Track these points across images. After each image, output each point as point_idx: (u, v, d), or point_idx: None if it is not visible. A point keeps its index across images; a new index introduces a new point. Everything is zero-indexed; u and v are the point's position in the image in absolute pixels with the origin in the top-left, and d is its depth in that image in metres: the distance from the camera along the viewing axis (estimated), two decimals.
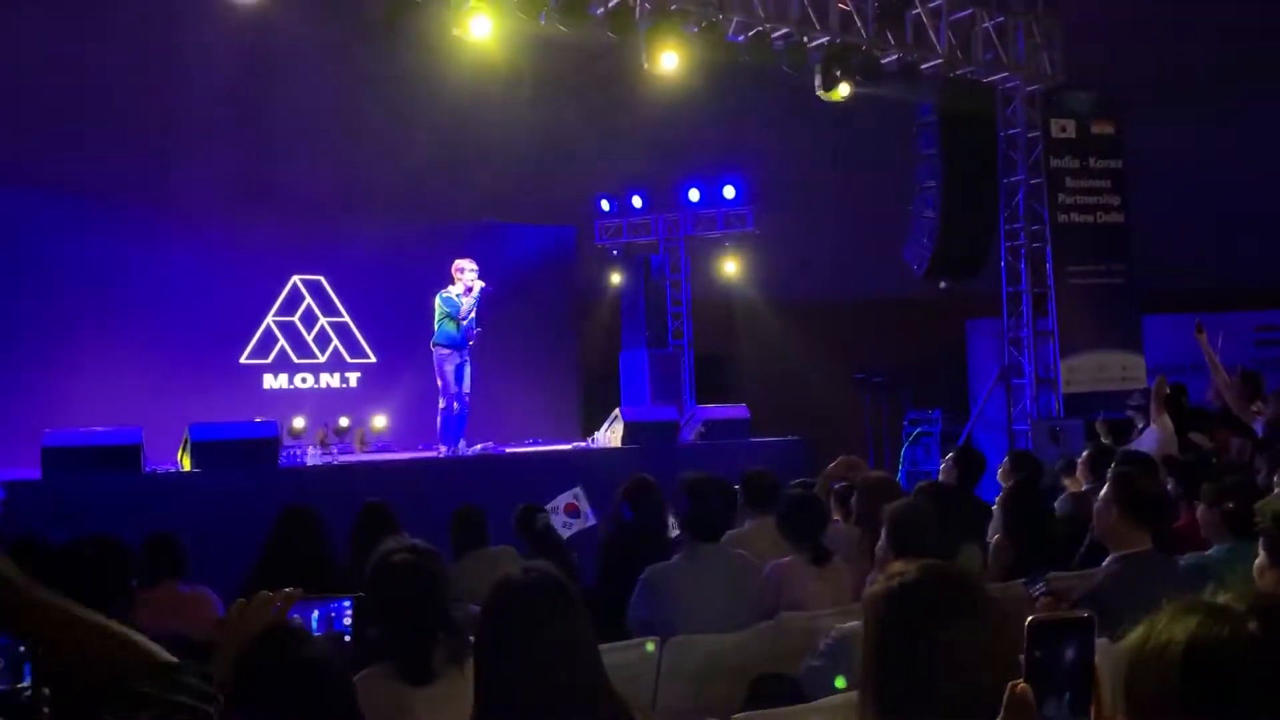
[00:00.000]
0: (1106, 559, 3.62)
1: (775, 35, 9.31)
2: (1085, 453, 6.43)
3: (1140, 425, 7.74)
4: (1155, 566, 3.52)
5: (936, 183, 10.34)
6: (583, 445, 10.37)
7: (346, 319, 11.28)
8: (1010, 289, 11.30)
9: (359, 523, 4.92)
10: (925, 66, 10.23)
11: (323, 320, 11.15)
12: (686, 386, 13.19)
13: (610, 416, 9.90)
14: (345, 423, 10.66)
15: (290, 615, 2.03)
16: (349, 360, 11.28)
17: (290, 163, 11.60)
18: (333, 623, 2.17)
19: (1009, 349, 11.40)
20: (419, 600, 2.72)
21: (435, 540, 3.07)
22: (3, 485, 6.87)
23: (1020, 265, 11.21)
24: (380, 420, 10.87)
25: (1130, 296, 11.20)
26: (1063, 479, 6.50)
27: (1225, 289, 12.64)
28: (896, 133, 11.06)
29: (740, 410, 10.41)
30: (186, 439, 7.80)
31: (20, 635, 1.48)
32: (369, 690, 2.61)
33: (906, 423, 12.77)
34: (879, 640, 1.69)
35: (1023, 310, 11.22)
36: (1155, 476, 4.55)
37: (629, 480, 4.88)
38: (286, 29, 10.36)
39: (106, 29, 10.35)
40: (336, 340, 11.21)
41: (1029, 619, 1.19)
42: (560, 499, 6.63)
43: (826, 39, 9.51)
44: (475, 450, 9.09)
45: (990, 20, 10.62)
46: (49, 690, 1.48)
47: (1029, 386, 11.16)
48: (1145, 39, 11.78)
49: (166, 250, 10.26)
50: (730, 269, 13.66)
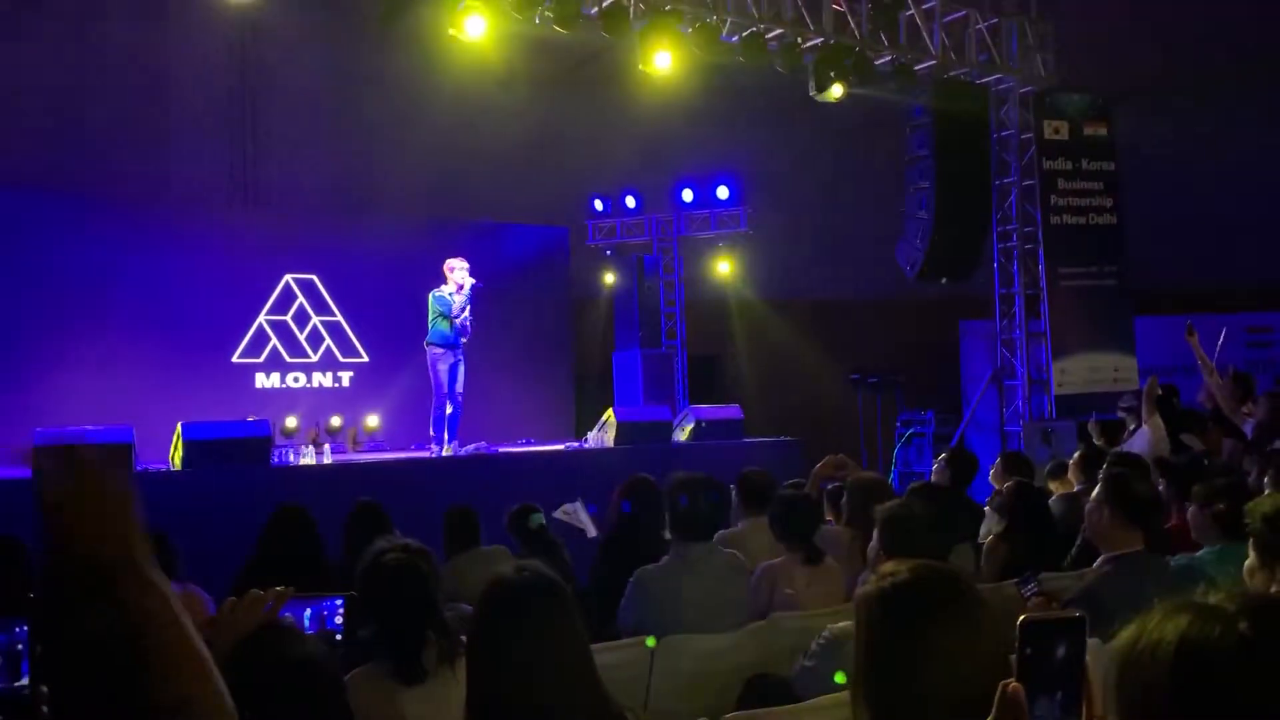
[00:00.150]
0: (1098, 560, 3.63)
1: (769, 36, 9.31)
2: (1077, 453, 6.46)
3: (1132, 426, 7.77)
4: (1147, 567, 3.53)
5: (929, 184, 10.35)
6: (576, 445, 10.36)
7: (339, 318, 11.25)
8: (1003, 290, 11.33)
9: (351, 522, 4.91)
10: (919, 68, 10.25)
11: (315, 319, 11.12)
12: (680, 387, 13.19)
13: (603, 417, 9.88)
14: (337, 422, 10.64)
15: (282, 614, 2.03)
16: (341, 359, 11.25)
17: (283, 161, 11.59)
18: (324, 622, 2.16)
19: (1001, 350, 11.43)
20: (410, 599, 2.72)
21: (428, 540, 3.07)
22: None
23: (1013, 267, 11.24)
24: (373, 420, 10.85)
25: (1122, 298, 11.22)
26: (1049, 483, 6.51)
27: (1217, 291, 12.68)
28: (890, 134, 11.07)
29: (733, 411, 10.41)
30: (178, 438, 7.77)
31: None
32: (360, 690, 2.60)
33: (899, 423, 12.79)
34: (871, 640, 1.69)
35: (1015, 312, 11.24)
36: (1147, 478, 4.57)
37: (629, 480, 4.90)
38: (280, 28, 10.36)
39: (99, 28, 10.34)
40: (329, 339, 11.18)
41: (1021, 618, 1.19)
42: (560, 512, 6.56)
43: (820, 40, 9.52)
44: (468, 450, 9.08)
45: (984, 22, 10.64)
46: (46, 688, 1.47)
47: (1021, 388, 11.19)
48: (1137, 42, 11.82)
49: (158, 248, 10.22)
50: (724, 269, 13.67)
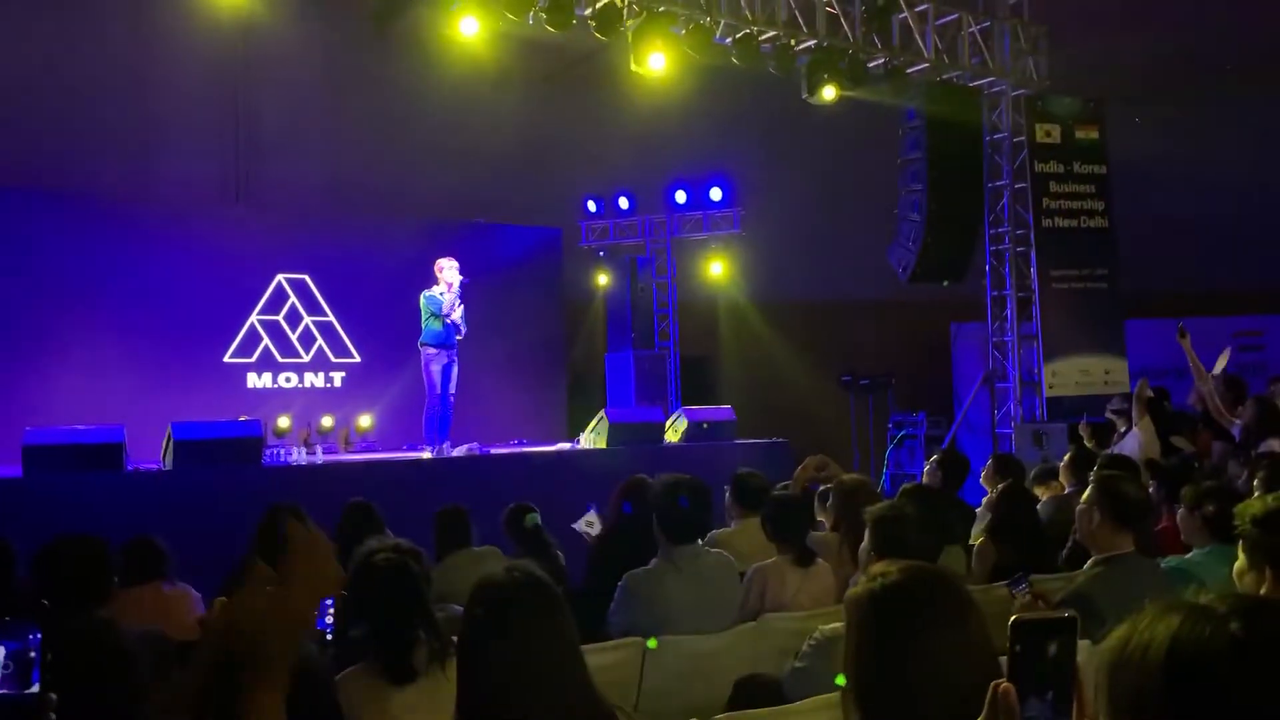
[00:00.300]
0: (1089, 561, 3.63)
1: (762, 38, 9.33)
2: (1067, 456, 6.46)
3: (1122, 429, 7.79)
4: (1137, 569, 3.54)
5: (922, 186, 10.36)
6: (568, 446, 10.35)
7: (331, 318, 11.22)
8: (995, 293, 11.36)
9: (343, 522, 4.89)
10: (911, 70, 10.27)
11: (307, 319, 11.09)
12: (672, 388, 13.19)
13: (596, 418, 9.87)
14: (329, 422, 10.61)
15: None
16: (333, 360, 11.22)
17: (275, 161, 11.57)
18: (314, 622, 2.16)
19: (993, 352, 11.45)
20: (401, 599, 2.71)
21: (419, 541, 3.06)
22: None
23: (1005, 269, 11.26)
24: (365, 420, 10.83)
25: (1114, 301, 11.25)
26: (1035, 488, 6.48)
27: (1207, 294, 12.72)
28: (882, 136, 11.09)
29: (726, 412, 10.41)
30: (169, 438, 7.75)
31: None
32: (351, 689, 2.60)
33: (891, 425, 12.80)
34: (861, 641, 1.69)
35: (1007, 314, 11.26)
36: (1137, 480, 4.57)
37: (628, 480, 4.89)
38: (273, 27, 10.33)
39: (91, 27, 10.31)
40: (321, 340, 11.15)
41: (1012, 618, 1.19)
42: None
43: (813, 42, 9.53)
44: (460, 451, 9.07)
45: (976, 25, 10.67)
46: (55, 695, 1.47)
47: (1013, 390, 11.21)
48: (1128, 46, 11.85)
49: (150, 248, 10.19)
50: (716, 271, 13.67)
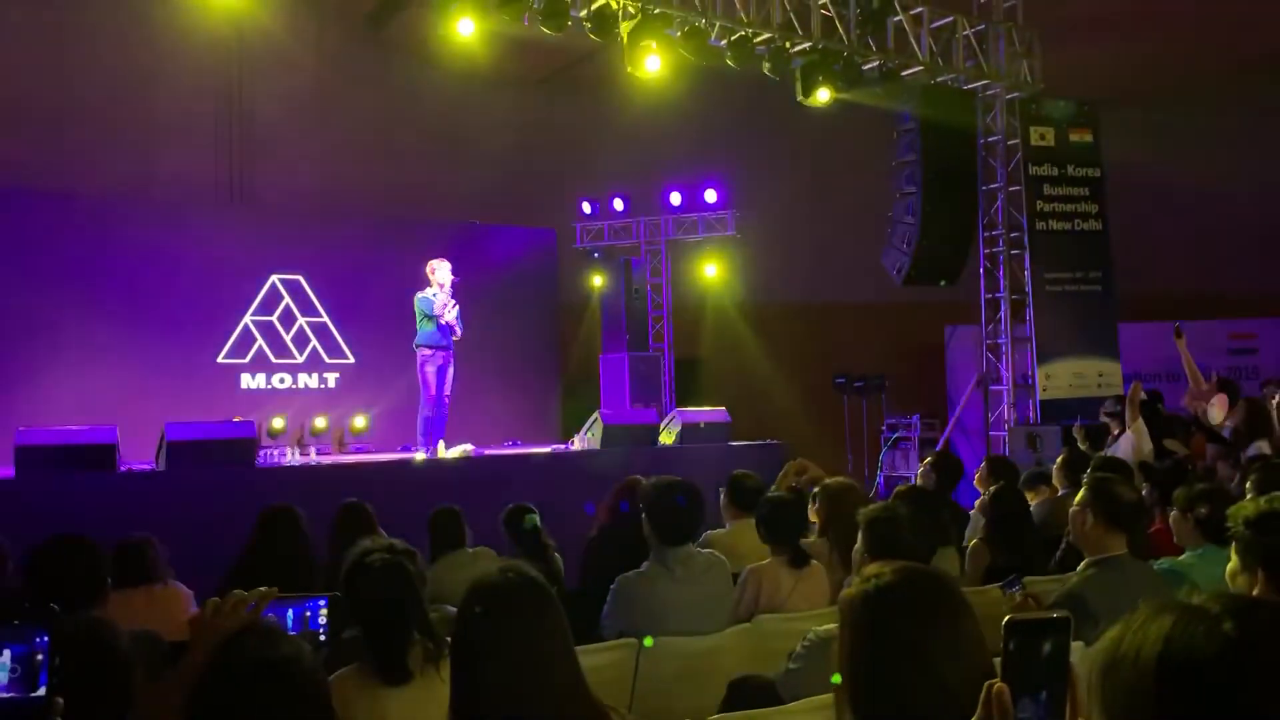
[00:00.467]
0: (1082, 563, 3.64)
1: (757, 40, 9.33)
2: (1060, 458, 6.47)
3: (1115, 431, 7.80)
4: (1130, 571, 3.55)
5: (916, 189, 10.37)
6: (562, 448, 10.35)
7: (325, 319, 11.21)
8: (989, 295, 11.38)
9: (337, 523, 4.88)
10: (906, 73, 10.29)
11: (301, 320, 11.08)
12: (666, 389, 13.19)
13: (590, 419, 9.87)
14: (322, 423, 10.60)
15: (265, 614, 2.02)
16: (327, 360, 11.21)
17: (270, 161, 11.56)
18: (308, 622, 2.16)
19: (987, 355, 11.47)
20: (395, 600, 2.70)
21: (413, 542, 3.05)
22: None
23: (999, 272, 11.28)
24: (359, 421, 10.81)
25: (1107, 304, 11.27)
26: (1025, 493, 6.46)
27: (1200, 297, 12.75)
28: (877, 139, 11.10)
29: (720, 414, 10.41)
30: (162, 438, 7.73)
31: None
32: (345, 690, 2.59)
33: (885, 427, 12.82)
34: (855, 642, 1.69)
35: (1001, 317, 11.28)
36: (1130, 482, 4.58)
37: (624, 481, 4.88)
38: (268, 28, 10.33)
39: (86, 25, 10.29)
40: (315, 340, 11.14)
41: (1006, 618, 1.19)
42: None
43: (808, 45, 9.54)
44: (455, 452, 9.05)
45: (971, 28, 10.68)
46: (62, 700, 1.47)
47: (1006, 392, 11.22)
48: (1122, 50, 11.88)
49: (144, 248, 10.17)
50: (711, 273, 13.68)
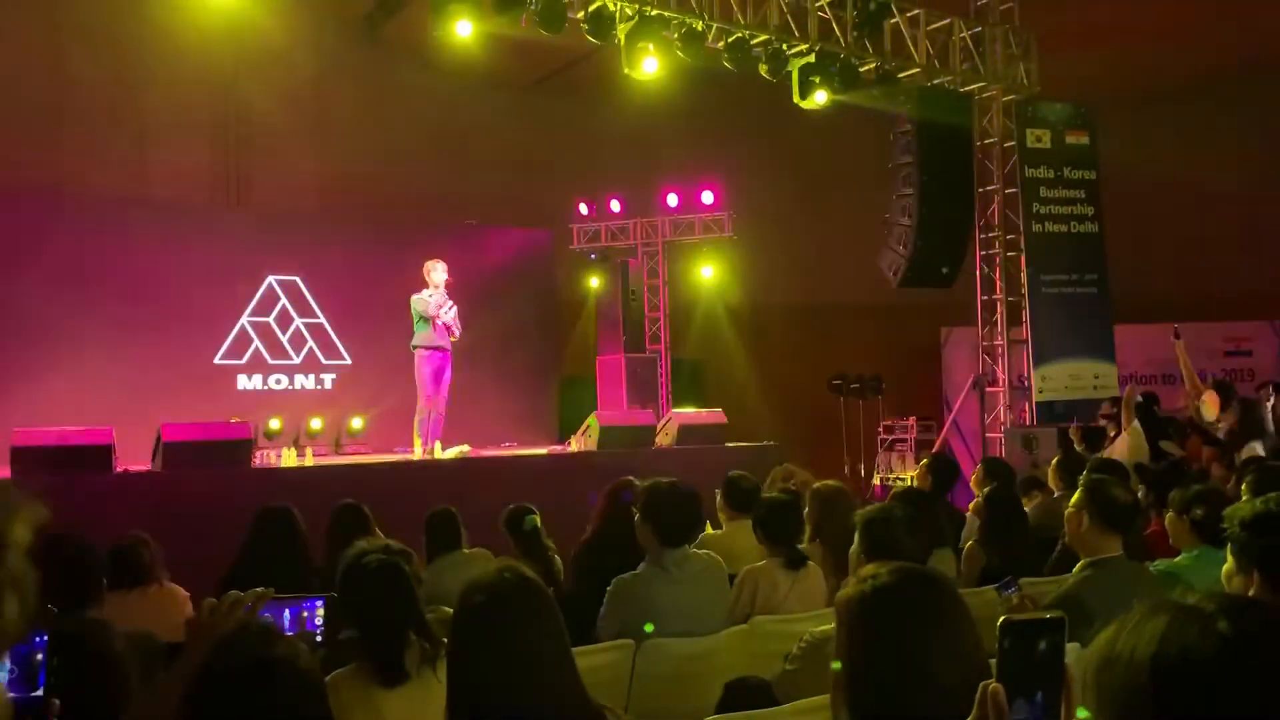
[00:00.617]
0: (1077, 565, 3.64)
1: (755, 42, 9.34)
2: (1055, 459, 6.49)
3: (1112, 434, 7.82)
4: (1126, 572, 3.55)
5: (913, 191, 10.37)
6: (559, 449, 10.34)
7: (322, 320, 11.20)
8: (985, 297, 11.39)
9: (334, 524, 4.88)
10: (903, 76, 10.30)
11: (298, 321, 11.07)
12: (663, 391, 13.19)
13: (587, 420, 9.87)
14: (319, 424, 10.59)
15: (262, 615, 2.02)
16: (324, 362, 11.20)
17: (266, 162, 11.55)
18: (304, 623, 2.15)
19: (983, 357, 11.48)
20: (391, 600, 2.70)
21: (410, 543, 3.05)
22: None
23: (995, 274, 11.29)
24: (356, 422, 10.81)
25: (1103, 306, 11.29)
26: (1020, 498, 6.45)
27: (1196, 299, 12.76)
28: (874, 141, 11.11)
29: (716, 415, 10.41)
30: (159, 439, 7.71)
31: None
32: (341, 691, 2.59)
33: (881, 429, 12.83)
34: (851, 643, 1.69)
35: (997, 318, 11.29)
36: (1126, 484, 4.59)
37: (616, 483, 4.89)
38: (264, 29, 10.32)
39: (82, 24, 10.28)
40: (311, 342, 11.13)
41: (1001, 618, 1.19)
42: None
43: (805, 47, 9.55)
44: (451, 453, 9.05)
45: (967, 31, 10.70)
46: (59, 700, 1.47)
47: (1003, 394, 11.24)
48: (1119, 53, 11.90)
49: (140, 248, 10.15)
50: (708, 274, 13.69)
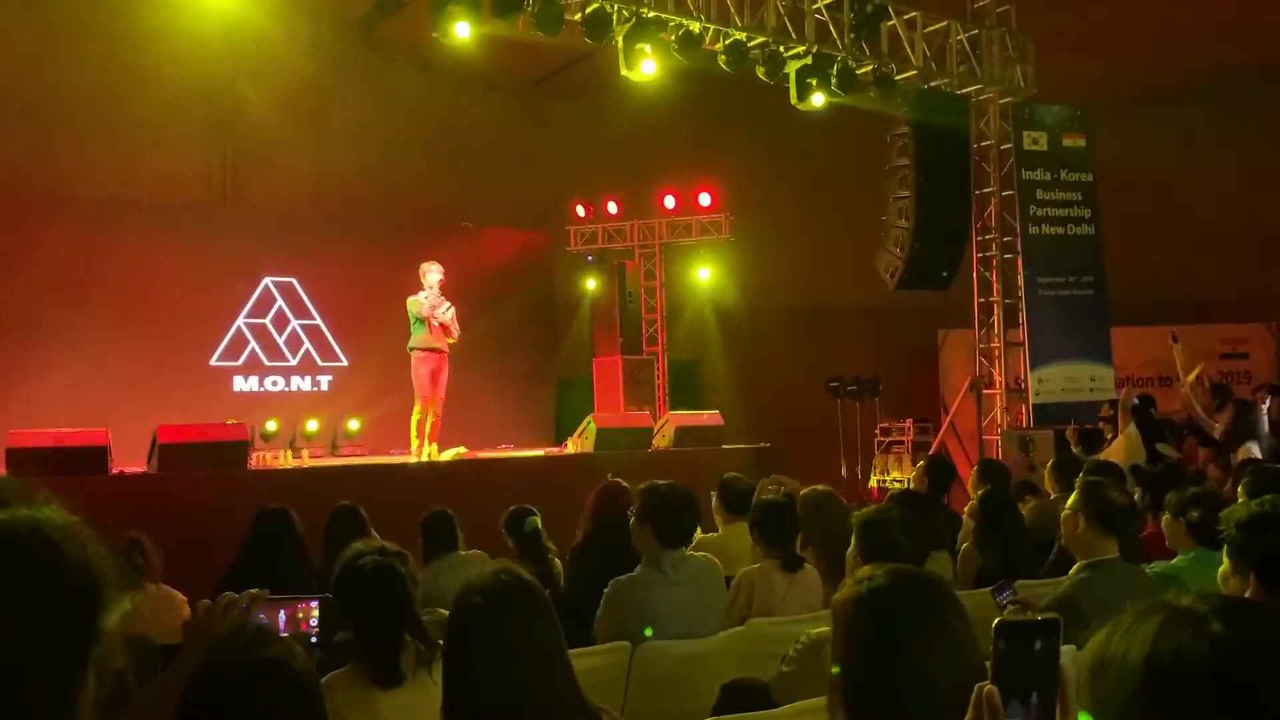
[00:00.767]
0: (1074, 567, 3.64)
1: (752, 45, 9.34)
2: (1050, 461, 6.50)
3: (1110, 436, 7.83)
4: (1122, 575, 3.55)
5: (910, 193, 10.38)
6: (555, 451, 10.34)
7: (318, 322, 11.19)
8: (982, 299, 11.39)
9: (330, 526, 4.88)
10: (900, 78, 10.30)
11: (294, 323, 11.06)
12: (660, 393, 13.18)
13: (584, 422, 9.87)
14: (316, 426, 10.58)
15: (258, 616, 2.02)
16: (320, 363, 11.19)
17: (263, 164, 11.53)
18: (300, 624, 2.15)
19: (980, 359, 11.48)
20: (387, 602, 2.70)
21: (406, 545, 3.05)
22: None
23: (992, 276, 11.29)
24: (352, 424, 10.80)
25: (1100, 308, 11.29)
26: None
27: (1192, 302, 12.78)
28: (871, 143, 11.11)
29: (713, 417, 10.41)
30: (154, 441, 7.70)
31: None
32: (337, 693, 2.58)
33: (878, 431, 12.82)
34: (848, 643, 1.69)
35: (994, 321, 11.30)
36: (1122, 486, 4.60)
37: (605, 484, 4.89)
38: (261, 30, 10.31)
39: (78, 28, 10.26)
40: (308, 343, 11.12)
41: (996, 620, 1.19)
42: None
43: (803, 49, 9.56)
44: (448, 455, 9.05)
45: (964, 33, 10.71)
46: None
47: (999, 396, 11.24)
48: (1117, 54, 11.91)
49: (136, 249, 10.14)
50: (704, 276, 13.68)
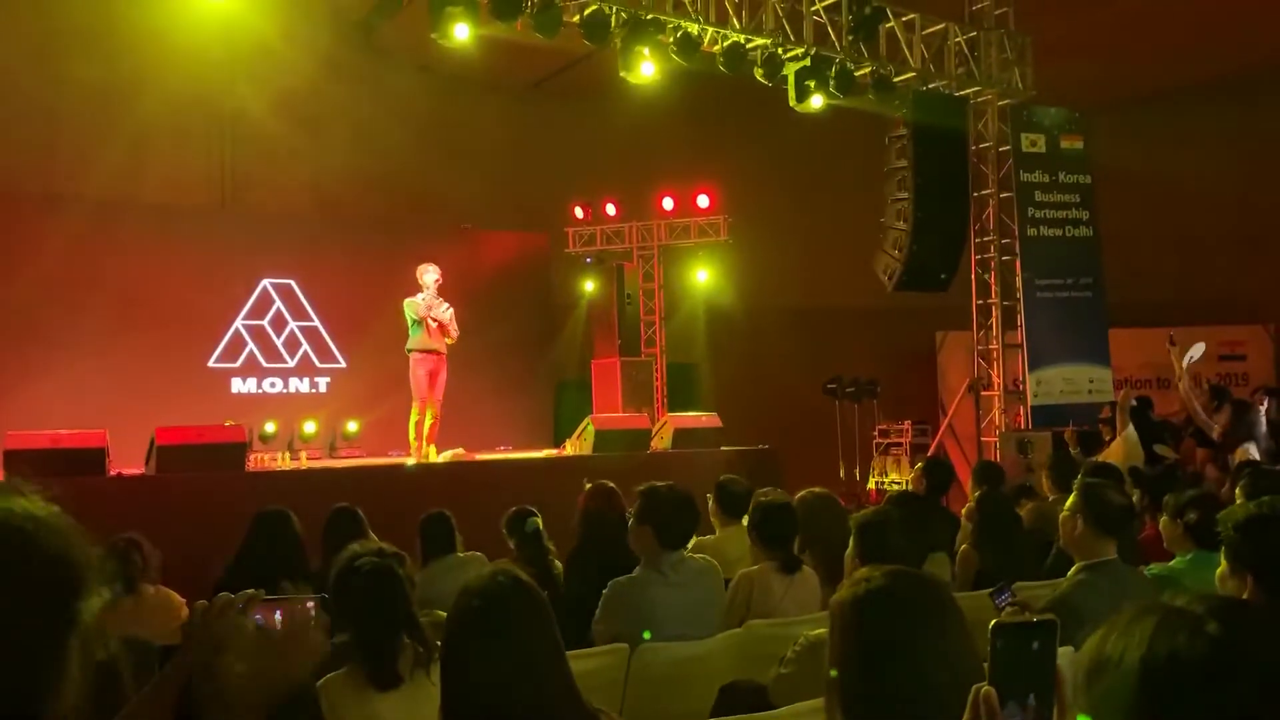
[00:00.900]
0: (1072, 569, 3.64)
1: (750, 47, 9.35)
2: (1048, 463, 6.50)
3: (1108, 438, 7.83)
4: (1120, 576, 3.55)
5: (908, 195, 10.38)
6: (554, 453, 10.34)
7: (317, 324, 11.19)
8: (980, 301, 11.39)
9: (328, 528, 4.88)
10: (898, 80, 10.31)
11: (292, 325, 11.06)
12: (659, 395, 13.18)
13: (582, 424, 9.86)
14: (314, 428, 10.58)
15: (255, 616, 2.01)
16: (319, 365, 11.19)
17: (261, 166, 11.53)
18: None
19: (978, 361, 11.48)
20: (385, 604, 2.70)
21: (404, 547, 3.05)
22: None
23: (990, 278, 11.30)
24: (350, 425, 10.79)
25: (1098, 310, 11.30)
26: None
27: (1190, 304, 12.78)
28: (868, 145, 11.12)
29: (712, 419, 10.41)
30: (152, 443, 7.70)
31: None
32: (334, 694, 2.58)
33: (876, 432, 12.82)
34: (846, 645, 1.69)
35: (992, 323, 11.30)
36: (1120, 488, 4.60)
37: (595, 486, 4.90)
38: (260, 32, 10.31)
39: (78, 31, 10.26)
40: (306, 345, 11.12)
41: (993, 621, 1.19)
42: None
43: (801, 51, 9.56)
44: (446, 456, 9.05)
45: (962, 35, 10.71)
46: None
47: (998, 398, 11.24)
48: (1113, 58, 11.92)
49: (135, 252, 10.14)
50: (703, 278, 13.68)
